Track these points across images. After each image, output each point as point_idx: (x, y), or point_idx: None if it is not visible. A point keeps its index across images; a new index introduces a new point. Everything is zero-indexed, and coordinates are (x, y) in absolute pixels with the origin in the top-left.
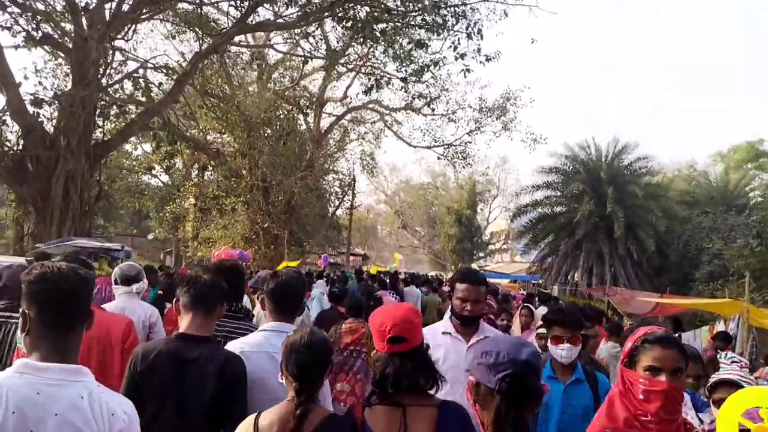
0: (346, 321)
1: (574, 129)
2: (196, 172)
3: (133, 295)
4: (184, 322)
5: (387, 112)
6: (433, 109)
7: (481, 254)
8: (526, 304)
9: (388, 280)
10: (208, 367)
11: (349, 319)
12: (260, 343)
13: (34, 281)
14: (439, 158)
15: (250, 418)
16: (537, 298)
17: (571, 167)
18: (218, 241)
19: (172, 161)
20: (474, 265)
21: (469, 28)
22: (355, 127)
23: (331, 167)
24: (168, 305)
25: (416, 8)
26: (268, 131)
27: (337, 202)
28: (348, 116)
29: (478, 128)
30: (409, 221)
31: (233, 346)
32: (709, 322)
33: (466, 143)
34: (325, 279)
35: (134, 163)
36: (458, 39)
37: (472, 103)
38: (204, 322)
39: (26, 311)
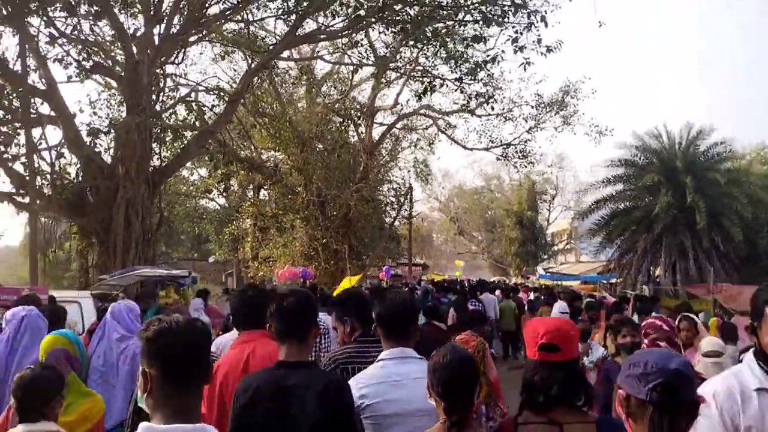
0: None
1: (640, 118)
2: (252, 192)
3: None
4: (282, 351)
5: (439, 116)
6: (492, 107)
7: (545, 256)
8: (686, 314)
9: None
10: (308, 393)
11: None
12: (378, 375)
13: (155, 337)
14: (498, 159)
15: None
16: (635, 304)
17: (643, 158)
18: (278, 260)
19: (229, 182)
20: (539, 268)
21: (531, 17)
22: (407, 135)
23: (385, 177)
24: None
25: (471, 1)
26: (320, 146)
27: (393, 213)
28: (399, 124)
29: (537, 125)
30: (465, 227)
31: (351, 383)
32: None
33: (525, 141)
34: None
35: (191, 188)
36: (517, 31)
37: (528, 99)
38: (299, 348)
39: (147, 370)
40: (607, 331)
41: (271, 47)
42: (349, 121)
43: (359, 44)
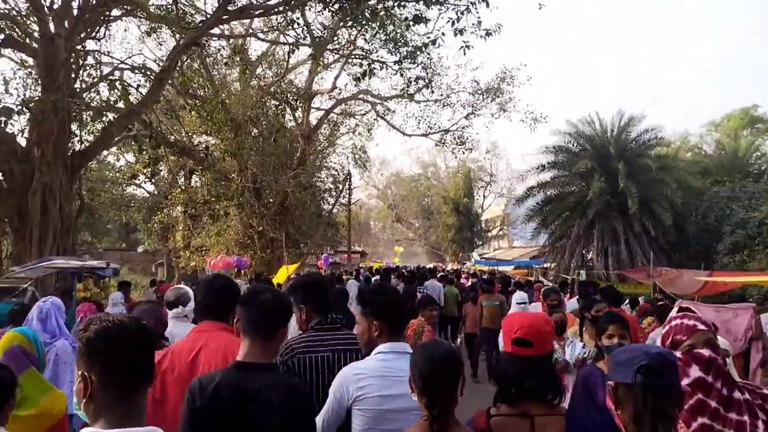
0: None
1: (577, 104)
2: (183, 178)
3: (182, 319)
4: (243, 349)
5: (378, 101)
6: (432, 91)
7: (479, 242)
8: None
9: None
10: (272, 400)
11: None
12: (378, 368)
13: (96, 338)
14: (436, 145)
15: None
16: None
17: (576, 145)
18: (211, 249)
19: (157, 167)
20: (474, 254)
21: None
22: (345, 120)
23: (322, 164)
24: None
25: None
26: (256, 130)
27: (332, 200)
28: (338, 109)
29: (474, 112)
30: (402, 214)
31: (348, 372)
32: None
33: (463, 128)
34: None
35: (118, 174)
36: (458, 12)
37: (466, 86)
38: (264, 348)
39: (86, 374)
40: (582, 324)
41: (200, 24)
42: (286, 105)
43: (295, 23)
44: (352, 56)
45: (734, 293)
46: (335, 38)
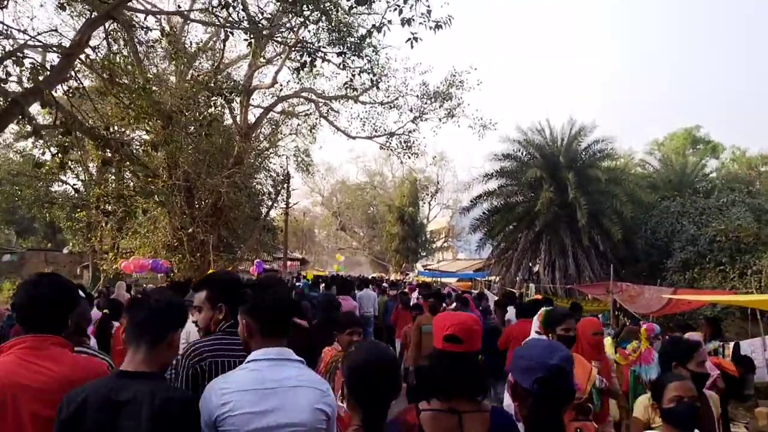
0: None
1: (524, 112)
2: (109, 173)
3: None
4: (127, 357)
5: (322, 101)
6: (378, 89)
7: (423, 253)
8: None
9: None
10: (143, 411)
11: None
12: (247, 380)
13: None
14: (381, 148)
15: None
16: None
17: (525, 153)
18: (137, 251)
19: (66, 157)
20: (418, 265)
21: None
22: (287, 120)
23: (262, 165)
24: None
25: None
26: (185, 122)
27: (270, 203)
28: (279, 107)
29: (422, 115)
30: (347, 222)
31: (212, 386)
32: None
33: (410, 132)
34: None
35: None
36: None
37: (413, 88)
38: (148, 355)
39: None
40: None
41: None
42: (220, 97)
43: (230, 6)
44: (295, 48)
45: (692, 313)
46: (275, 25)
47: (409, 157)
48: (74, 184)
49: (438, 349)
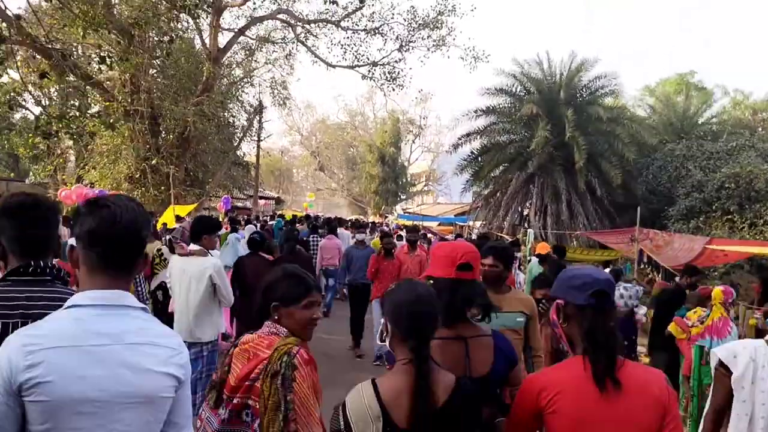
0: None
1: (519, 45)
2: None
3: None
4: None
5: (299, 24)
6: (362, 12)
7: (403, 196)
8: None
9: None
10: None
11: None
12: (66, 333)
13: None
14: (363, 78)
15: (367, 387)
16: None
17: (521, 88)
18: (98, 183)
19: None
20: (398, 208)
21: None
22: (262, 47)
23: (235, 95)
24: None
25: None
26: (145, 36)
27: (245, 137)
28: (253, 32)
29: (408, 44)
30: (326, 163)
31: (14, 342)
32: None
33: (395, 62)
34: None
35: None
36: None
37: (401, 13)
38: None
39: None
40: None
41: None
42: (184, 10)
43: None
44: None
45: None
46: None
47: (394, 89)
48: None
49: (450, 279)
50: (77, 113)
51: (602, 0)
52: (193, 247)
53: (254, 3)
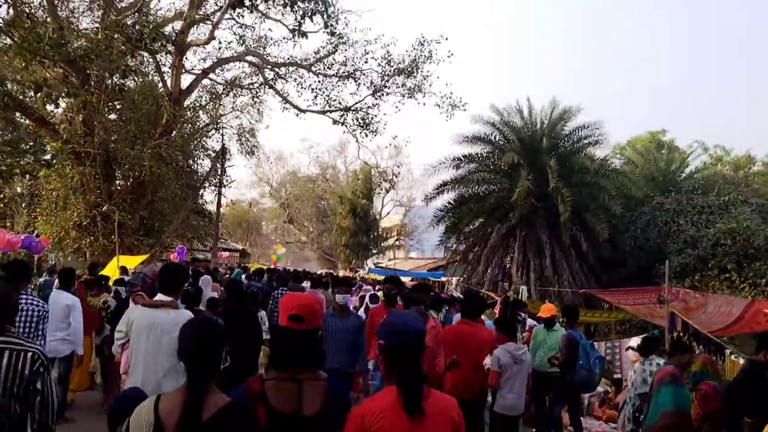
0: None
1: (498, 93)
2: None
3: None
4: None
5: (268, 66)
6: (334, 53)
7: (374, 251)
8: None
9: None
10: None
11: None
12: None
13: None
14: (335, 123)
15: (150, 402)
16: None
17: (500, 137)
18: (43, 231)
19: None
20: (369, 262)
21: None
22: (228, 92)
23: (199, 142)
24: None
25: None
26: (97, 70)
27: (207, 183)
28: (220, 78)
29: (383, 89)
30: (296, 215)
31: None
32: None
33: (368, 107)
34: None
35: None
36: None
37: (376, 59)
38: None
39: None
40: None
41: None
42: (141, 44)
43: None
44: None
45: None
46: None
47: (366, 135)
48: None
49: (283, 327)
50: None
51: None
52: (162, 297)
53: (220, 43)
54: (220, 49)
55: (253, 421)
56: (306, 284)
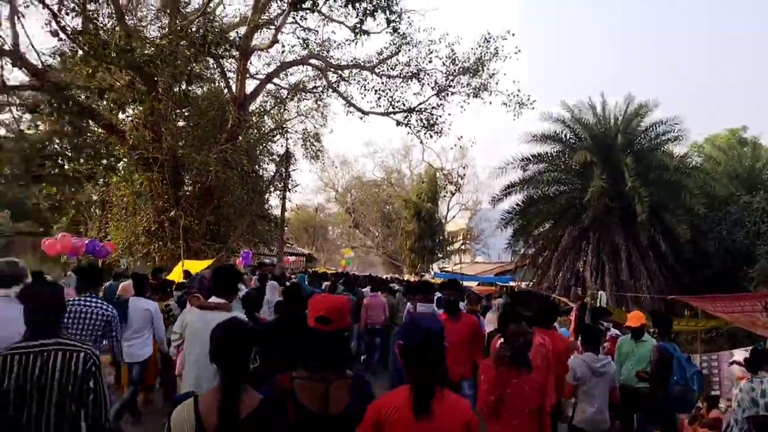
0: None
1: (567, 90)
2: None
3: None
4: None
5: (332, 70)
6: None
7: (440, 254)
8: None
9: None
10: None
11: None
12: None
13: None
14: (398, 125)
15: (190, 401)
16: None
17: (571, 135)
18: (114, 236)
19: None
20: (434, 266)
21: None
22: (293, 96)
23: (264, 147)
24: None
25: None
26: (163, 76)
27: (272, 188)
28: (285, 83)
29: (448, 88)
30: (361, 220)
31: None
32: None
33: (433, 108)
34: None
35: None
36: None
37: (440, 60)
38: None
39: None
40: None
41: None
42: (205, 48)
43: None
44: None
45: None
46: None
47: (431, 136)
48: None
49: (311, 328)
50: (68, 154)
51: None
52: (216, 299)
53: (283, 47)
54: (283, 53)
55: (285, 414)
56: (366, 290)
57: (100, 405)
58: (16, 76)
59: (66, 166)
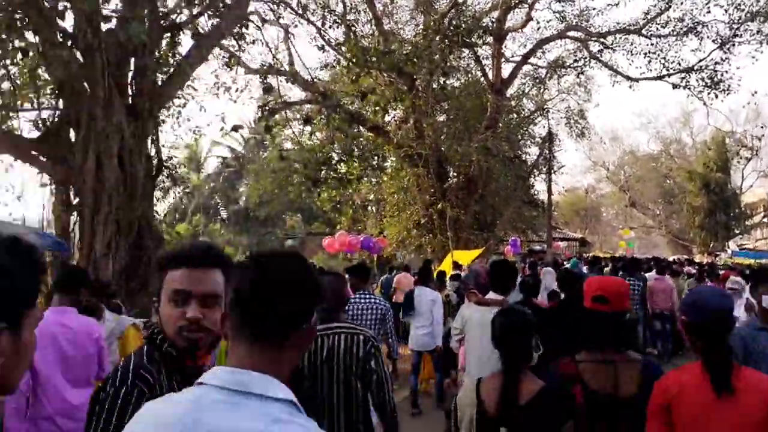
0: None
1: None
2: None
3: None
4: None
5: (594, 39)
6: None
7: (737, 231)
8: None
9: None
10: None
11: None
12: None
13: None
14: (675, 87)
15: (472, 384)
16: None
17: None
18: (387, 231)
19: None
20: (731, 244)
21: None
22: (552, 75)
23: (526, 130)
24: None
25: None
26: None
27: (536, 172)
28: (541, 61)
29: (734, 38)
30: (638, 198)
31: None
32: None
33: (715, 63)
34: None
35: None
36: None
37: (719, 12)
38: None
39: None
40: None
41: None
42: (457, 38)
43: None
44: None
45: None
46: None
47: (716, 96)
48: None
49: (588, 308)
50: (341, 158)
51: None
52: (493, 296)
53: (538, 23)
54: (539, 29)
55: (567, 404)
56: (651, 274)
57: (383, 386)
58: (295, 93)
59: (341, 170)
